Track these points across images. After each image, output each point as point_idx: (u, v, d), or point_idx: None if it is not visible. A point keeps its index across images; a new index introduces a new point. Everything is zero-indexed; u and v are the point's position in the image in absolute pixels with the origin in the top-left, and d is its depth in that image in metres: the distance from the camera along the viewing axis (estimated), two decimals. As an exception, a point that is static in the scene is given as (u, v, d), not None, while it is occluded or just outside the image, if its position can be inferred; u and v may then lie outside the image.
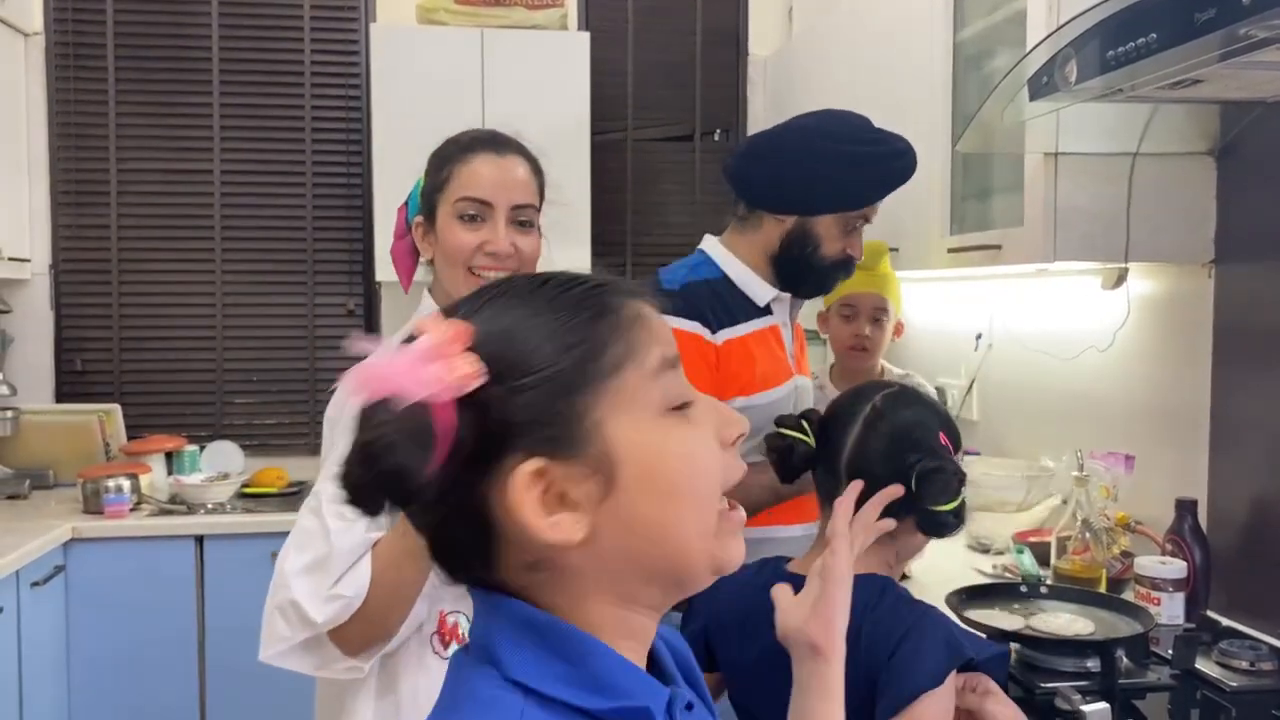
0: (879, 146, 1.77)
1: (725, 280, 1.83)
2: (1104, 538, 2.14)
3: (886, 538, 1.30)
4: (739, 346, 1.78)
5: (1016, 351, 2.72)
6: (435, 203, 1.53)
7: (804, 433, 1.34)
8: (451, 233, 1.50)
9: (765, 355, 1.81)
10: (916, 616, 1.21)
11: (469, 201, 1.50)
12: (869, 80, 2.94)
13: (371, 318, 3.79)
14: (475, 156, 1.52)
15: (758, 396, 1.78)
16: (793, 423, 1.36)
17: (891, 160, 1.78)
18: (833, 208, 1.78)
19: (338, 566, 1.28)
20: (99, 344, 3.64)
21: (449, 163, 1.53)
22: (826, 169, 1.75)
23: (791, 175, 1.77)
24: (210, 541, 3.03)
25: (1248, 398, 2.00)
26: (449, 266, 1.53)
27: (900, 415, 1.31)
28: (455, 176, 1.51)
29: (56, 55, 3.57)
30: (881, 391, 1.34)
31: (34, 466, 3.38)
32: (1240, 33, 1.26)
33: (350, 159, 3.75)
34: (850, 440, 1.31)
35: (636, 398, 0.68)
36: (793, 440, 1.34)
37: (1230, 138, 2.02)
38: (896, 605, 1.23)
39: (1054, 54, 1.66)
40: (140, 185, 3.64)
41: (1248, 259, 2.01)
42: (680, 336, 1.73)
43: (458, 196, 1.50)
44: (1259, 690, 1.67)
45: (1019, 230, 2.13)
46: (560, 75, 3.46)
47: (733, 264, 1.84)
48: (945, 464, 1.25)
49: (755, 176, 1.83)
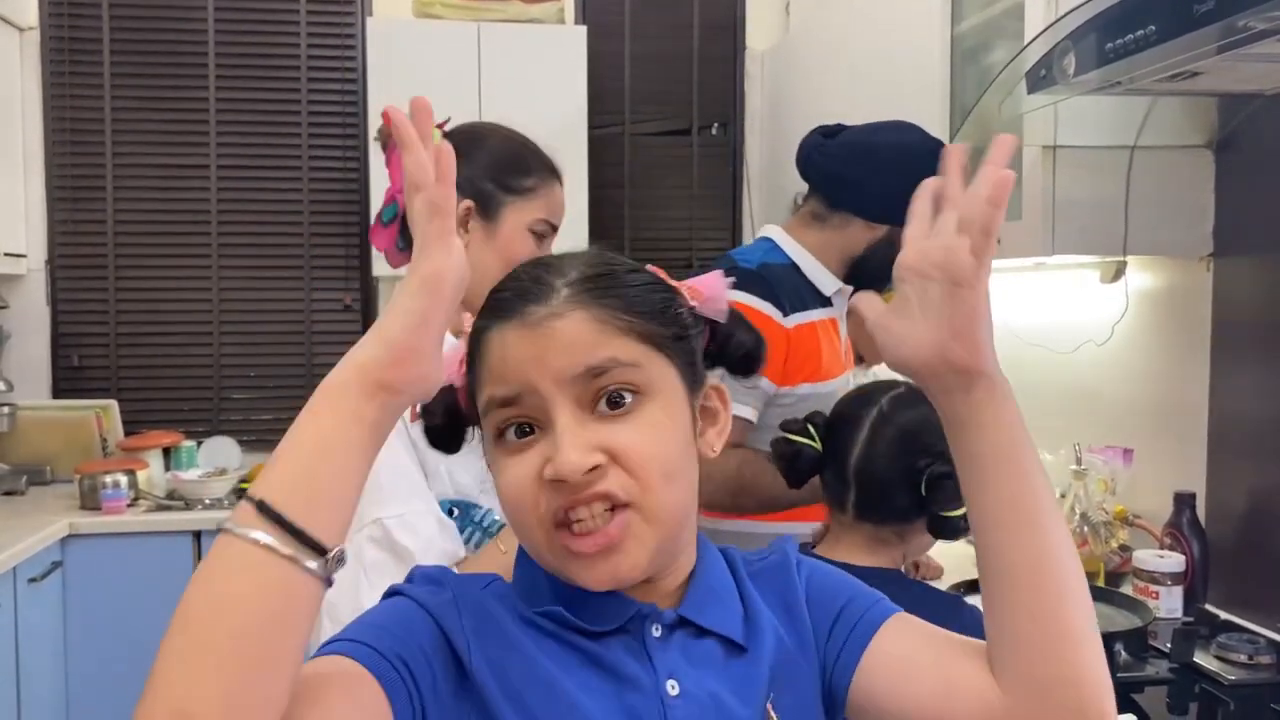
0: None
1: (794, 268, 1.85)
2: (1102, 531, 2.14)
3: (897, 540, 1.30)
4: (808, 332, 1.81)
5: (1014, 345, 2.72)
6: (504, 203, 1.51)
7: (810, 437, 1.34)
8: (522, 241, 1.50)
9: (828, 345, 1.84)
10: (950, 603, 1.24)
11: (548, 225, 1.52)
12: (867, 73, 2.93)
13: (369, 312, 3.79)
14: (557, 184, 1.55)
15: (823, 385, 1.82)
16: (798, 427, 1.35)
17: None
18: None
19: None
20: (96, 339, 3.64)
21: (538, 177, 1.53)
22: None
23: (898, 189, 1.77)
24: (208, 537, 3.03)
25: (1246, 391, 2.00)
26: (500, 266, 1.52)
27: (907, 417, 1.31)
28: (546, 195, 1.52)
29: (51, 50, 3.56)
30: (887, 394, 1.34)
31: (31, 462, 3.38)
32: (1239, 24, 1.26)
33: (347, 154, 3.75)
34: (858, 444, 1.30)
35: (486, 426, 0.79)
36: (799, 445, 1.34)
37: (1228, 131, 2.01)
38: (925, 594, 1.26)
39: (1052, 46, 1.66)
40: (136, 180, 3.63)
41: (1246, 252, 2.01)
42: (753, 316, 1.74)
43: (542, 216, 1.52)
44: (1257, 684, 1.67)
45: (1017, 224, 2.13)
46: (557, 69, 3.45)
47: (802, 254, 1.86)
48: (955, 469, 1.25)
49: (850, 182, 1.84)
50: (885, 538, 1.31)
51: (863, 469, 1.30)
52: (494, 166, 1.51)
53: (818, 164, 1.87)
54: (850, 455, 1.31)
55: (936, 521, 1.27)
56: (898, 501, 1.28)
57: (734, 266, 1.81)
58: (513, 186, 1.50)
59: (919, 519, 1.28)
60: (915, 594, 1.27)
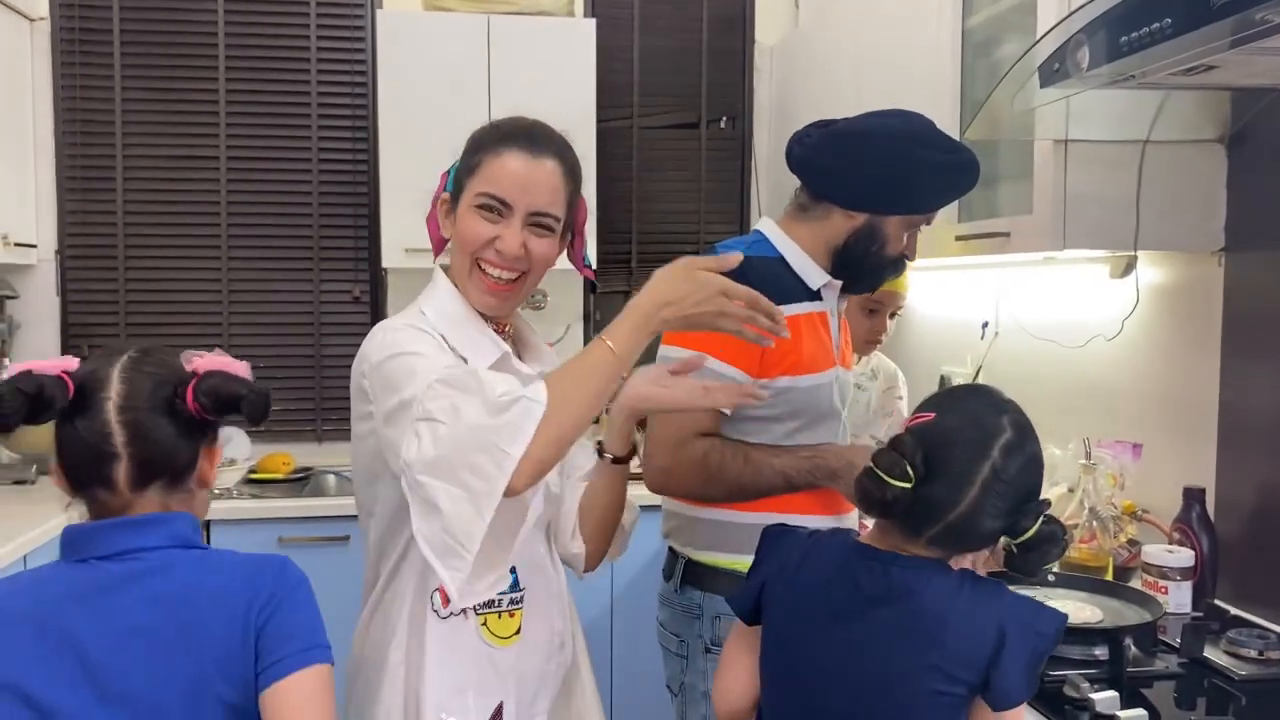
0: (957, 156, 1.79)
1: (781, 261, 1.84)
2: (1111, 526, 2.14)
3: (961, 558, 1.32)
4: (789, 325, 1.77)
5: (1023, 340, 2.72)
6: (462, 186, 1.52)
7: (904, 480, 1.25)
8: (467, 221, 1.49)
9: (812, 339, 1.82)
10: (1002, 609, 1.24)
11: (489, 197, 1.48)
12: (876, 67, 2.93)
13: (377, 303, 3.79)
14: (507, 151, 1.48)
15: (802, 379, 1.80)
16: (897, 471, 1.25)
17: (966, 170, 1.81)
18: (908, 210, 1.81)
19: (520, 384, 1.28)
20: (105, 329, 3.64)
21: (482, 150, 1.50)
22: (909, 173, 1.77)
23: (874, 174, 1.79)
24: (217, 527, 3.03)
25: (1257, 386, 2.00)
26: (458, 253, 1.52)
27: (1018, 474, 1.27)
28: (484, 166, 1.49)
29: (62, 39, 3.56)
30: (999, 442, 1.26)
31: (40, 451, 3.38)
32: (1256, 18, 1.25)
33: (356, 146, 3.75)
34: (964, 501, 1.25)
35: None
36: (896, 491, 1.25)
37: (1241, 125, 2.01)
38: (977, 595, 1.26)
39: (1066, 40, 1.66)
40: (146, 170, 3.63)
41: (1258, 247, 2.00)
42: None
43: (481, 188, 1.48)
44: (1267, 679, 1.67)
45: (1028, 218, 2.12)
46: (566, 62, 3.44)
47: (790, 247, 1.85)
48: (1058, 530, 1.27)
49: (831, 170, 1.82)
50: (948, 556, 1.31)
51: (964, 522, 1.26)
52: (464, 154, 1.54)
53: (798, 155, 1.86)
54: (952, 508, 1.25)
55: (1018, 562, 1.29)
56: (983, 541, 1.29)
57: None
58: (467, 167, 1.52)
59: (994, 549, 1.30)
60: (955, 580, 1.27)
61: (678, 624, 1.90)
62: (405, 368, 1.36)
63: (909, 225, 1.84)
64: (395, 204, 3.38)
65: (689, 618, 1.86)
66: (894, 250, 1.84)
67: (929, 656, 1.23)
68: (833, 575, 1.34)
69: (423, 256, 3.35)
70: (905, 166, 1.77)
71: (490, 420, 1.23)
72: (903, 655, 1.25)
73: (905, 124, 1.82)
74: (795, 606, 1.36)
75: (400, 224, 3.37)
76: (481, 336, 1.51)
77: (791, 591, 1.37)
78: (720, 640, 1.79)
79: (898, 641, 1.26)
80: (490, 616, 1.51)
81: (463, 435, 1.23)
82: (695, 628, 1.85)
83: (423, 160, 3.41)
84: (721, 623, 1.80)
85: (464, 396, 1.26)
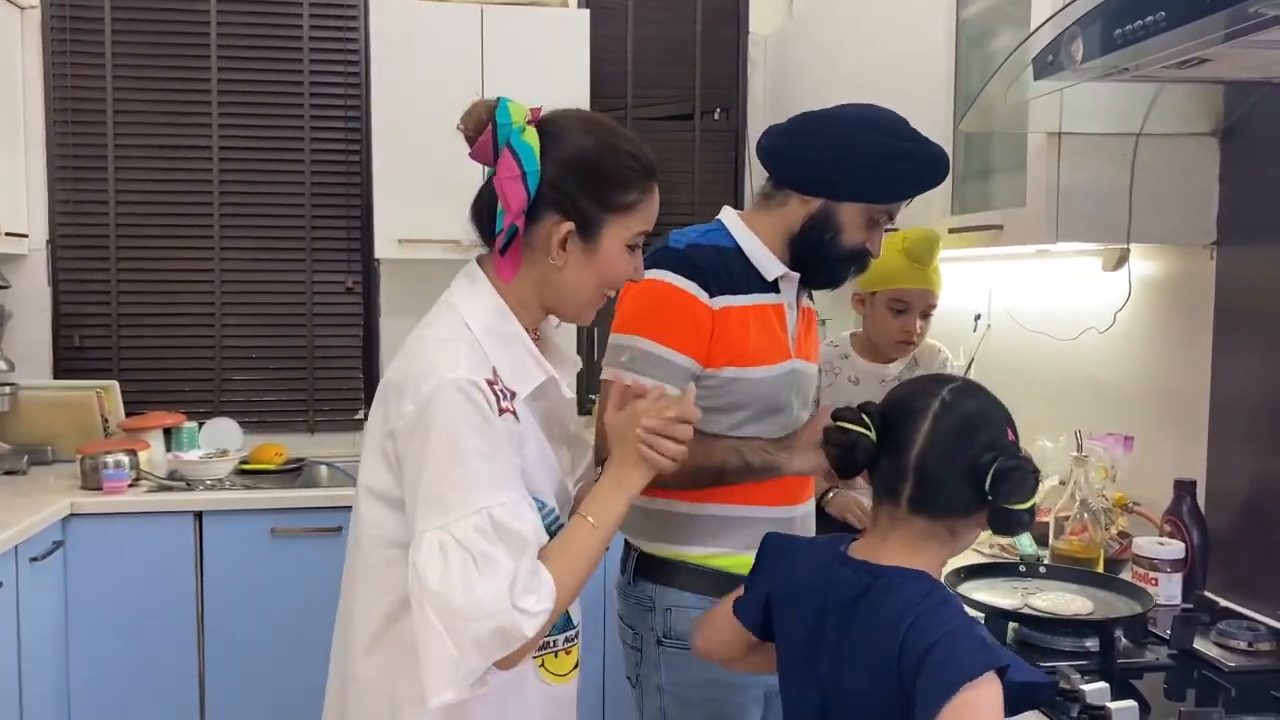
0: (916, 145, 1.76)
1: (736, 250, 1.81)
2: (1102, 518, 2.15)
3: (948, 535, 1.29)
4: (735, 315, 1.76)
5: (1016, 332, 2.72)
6: (604, 222, 1.42)
7: (864, 427, 1.30)
8: (622, 261, 1.44)
9: (762, 330, 1.79)
10: (958, 620, 1.21)
11: (643, 235, 1.46)
12: (871, 59, 2.93)
13: (370, 295, 3.78)
14: (654, 185, 1.46)
15: (751, 370, 1.77)
16: (851, 416, 1.31)
17: (926, 161, 1.77)
18: (860, 196, 1.76)
19: (534, 573, 1.30)
20: (97, 320, 3.63)
21: (636, 188, 1.43)
22: (862, 157, 1.74)
23: (826, 157, 1.76)
24: (209, 517, 3.03)
25: (1248, 379, 2.00)
26: (593, 285, 1.45)
27: (970, 408, 1.28)
28: (645, 207, 1.45)
29: (53, 27, 3.54)
30: (947, 385, 1.31)
31: (33, 442, 3.38)
32: (1250, 11, 1.25)
33: (349, 136, 3.74)
34: (919, 436, 1.26)
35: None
36: (855, 435, 1.29)
37: (1234, 119, 2.01)
38: (940, 607, 1.22)
39: (1060, 32, 1.65)
40: (138, 159, 3.62)
41: (1250, 240, 2.01)
42: (676, 294, 1.73)
43: (641, 228, 1.45)
44: (1257, 670, 1.68)
45: (1021, 210, 2.13)
46: (560, 53, 3.43)
47: (747, 236, 1.82)
48: (1022, 462, 1.24)
49: (790, 155, 1.81)
50: (937, 533, 1.28)
51: (923, 461, 1.26)
52: (596, 181, 1.41)
53: (764, 144, 1.85)
54: (911, 447, 1.27)
55: (999, 515, 1.24)
56: (957, 494, 1.26)
57: (664, 245, 1.79)
58: (614, 205, 1.42)
59: (977, 512, 1.26)
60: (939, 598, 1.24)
61: (632, 617, 1.87)
62: (468, 472, 1.30)
63: (868, 216, 1.78)
64: (388, 194, 3.37)
65: (642, 610, 1.84)
66: (851, 240, 1.79)
67: (889, 664, 1.21)
68: (819, 585, 1.33)
69: (415, 247, 3.38)
70: (858, 150, 1.74)
71: (513, 600, 1.26)
72: (871, 663, 1.23)
73: (867, 111, 1.79)
74: (794, 622, 1.36)
75: (393, 214, 3.36)
76: (529, 360, 1.42)
77: (792, 607, 1.37)
78: (672, 633, 1.79)
79: (867, 650, 1.24)
80: (548, 657, 1.47)
81: (488, 601, 1.25)
82: (648, 620, 1.83)
83: (416, 150, 3.45)
84: (673, 615, 1.79)
85: (505, 553, 1.27)
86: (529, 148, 1.36)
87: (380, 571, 1.39)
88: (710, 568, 1.79)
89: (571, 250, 1.41)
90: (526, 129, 1.38)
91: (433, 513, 1.28)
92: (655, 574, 1.83)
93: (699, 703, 1.80)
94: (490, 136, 1.37)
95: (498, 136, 1.37)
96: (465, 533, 1.26)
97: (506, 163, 1.36)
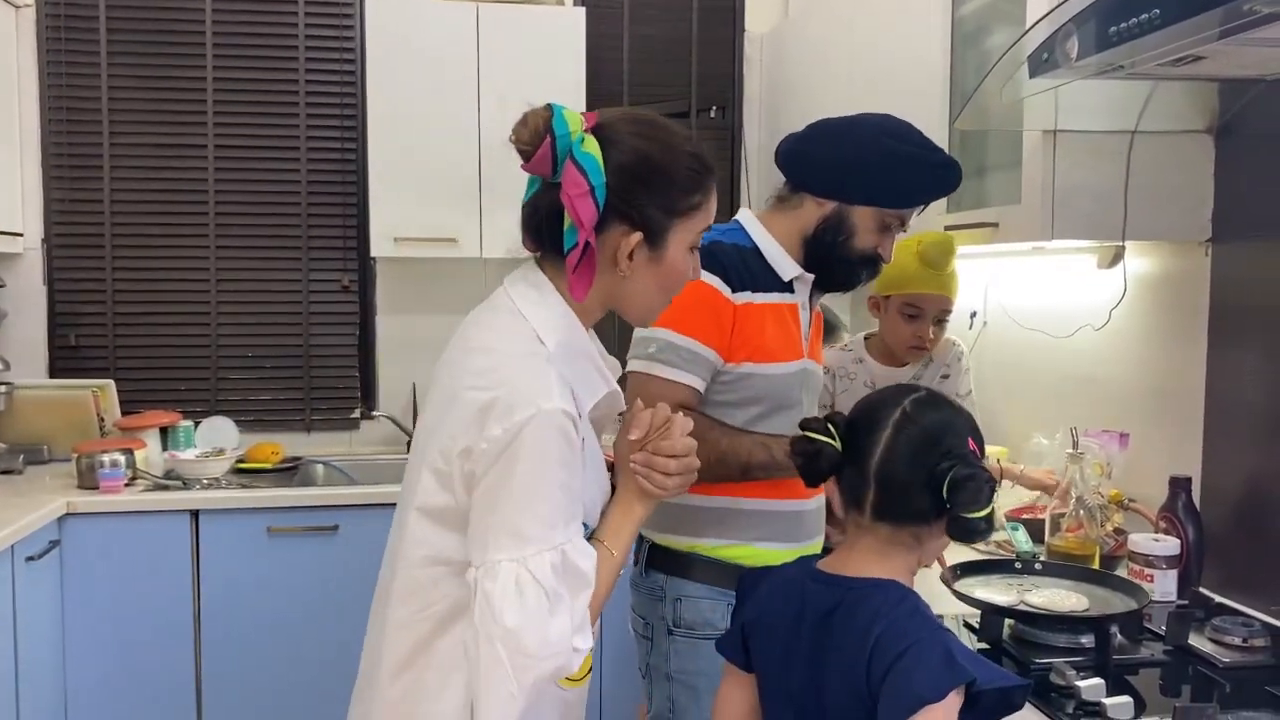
0: (930, 154, 1.81)
1: (754, 250, 1.85)
2: (1098, 515, 2.15)
3: (914, 542, 1.30)
4: (755, 312, 1.81)
5: (1012, 329, 2.73)
6: (669, 227, 1.38)
7: (830, 436, 1.32)
8: (686, 261, 1.42)
9: (778, 328, 1.83)
10: (927, 631, 1.21)
11: (703, 235, 1.44)
12: (866, 57, 2.93)
13: (366, 293, 3.78)
14: (714, 184, 1.43)
15: (767, 366, 1.81)
16: (818, 426, 1.34)
17: (939, 169, 1.81)
18: (873, 200, 1.81)
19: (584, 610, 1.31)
20: (93, 319, 3.62)
21: (699, 190, 1.40)
22: (876, 161, 1.78)
23: (841, 161, 1.81)
24: (206, 516, 3.03)
25: (1243, 376, 2.01)
26: (660, 290, 1.43)
27: (930, 419, 1.30)
28: (707, 206, 1.41)
29: (48, 27, 3.54)
30: (910, 396, 1.33)
31: (28, 441, 3.37)
32: (1244, 8, 1.26)
33: (345, 134, 3.73)
34: (879, 445, 1.29)
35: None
36: (820, 444, 1.32)
37: (1229, 116, 2.01)
38: (911, 616, 1.23)
39: (1055, 30, 1.66)
40: (133, 159, 3.61)
41: (1245, 238, 2.01)
42: (701, 287, 1.75)
43: (701, 227, 1.42)
44: (1251, 666, 1.69)
45: (1016, 208, 2.13)
46: (555, 51, 3.43)
47: (764, 237, 1.86)
48: (978, 471, 1.25)
49: (806, 158, 1.85)
50: (902, 540, 1.30)
51: (884, 469, 1.28)
52: (660, 188, 1.36)
53: (783, 149, 1.89)
54: (872, 455, 1.29)
55: (956, 523, 1.26)
56: (917, 502, 1.27)
57: None
58: (680, 209, 1.38)
59: (938, 521, 1.27)
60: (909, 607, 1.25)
61: (644, 607, 1.92)
62: (552, 507, 1.29)
63: (880, 220, 1.82)
64: (384, 193, 3.36)
65: (653, 600, 1.89)
66: (863, 244, 1.83)
67: (860, 671, 1.21)
68: (793, 605, 1.33)
69: (411, 245, 3.39)
70: (873, 155, 1.78)
71: (572, 640, 1.28)
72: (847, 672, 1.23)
73: (883, 119, 1.84)
74: (768, 645, 1.37)
75: (389, 212, 3.36)
76: (595, 373, 1.41)
77: (765, 632, 1.37)
78: (682, 622, 1.84)
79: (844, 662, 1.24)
80: None
81: (556, 642, 1.26)
82: (658, 610, 1.87)
83: (412, 148, 3.45)
84: (683, 604, 1.84)
85: (568, 591, 1.28)
86: (593, 159, 1.30)
87: (422, 587, 1.36)
88: (721, 559, 1.83)
89: (638, 259, 1.37)
90: (586, 138, 1.31)
91: (509, 544, 1.26)
92: (666, 564, 1.87)
93: (707, 691, 1.82)
94: (549, 149, 1.30)
95: (557, 148, 1.30)
96: (542, 569, 1.25)
97: (573, 178, 1.29)
